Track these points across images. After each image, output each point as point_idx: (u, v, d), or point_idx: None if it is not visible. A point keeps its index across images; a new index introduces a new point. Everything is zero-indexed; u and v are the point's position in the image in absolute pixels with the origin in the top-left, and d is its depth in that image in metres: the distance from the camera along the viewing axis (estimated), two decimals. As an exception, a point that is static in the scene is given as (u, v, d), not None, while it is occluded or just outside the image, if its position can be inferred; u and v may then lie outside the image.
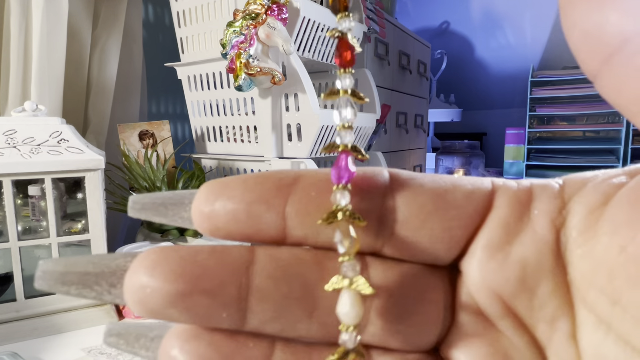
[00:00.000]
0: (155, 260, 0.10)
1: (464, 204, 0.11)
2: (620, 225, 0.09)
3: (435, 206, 0.10)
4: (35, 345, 0.42)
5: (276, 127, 0.67)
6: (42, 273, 0.10)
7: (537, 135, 1.94)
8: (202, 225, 0.11)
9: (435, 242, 0.10)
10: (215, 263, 0.10)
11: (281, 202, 0.10)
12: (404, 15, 2.49)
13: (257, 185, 0.11)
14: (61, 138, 0.46)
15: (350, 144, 0.10)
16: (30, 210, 0.51)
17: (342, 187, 0.10)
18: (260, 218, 0.10)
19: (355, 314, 0.10)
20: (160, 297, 0.10)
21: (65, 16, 0.67)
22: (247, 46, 0.58)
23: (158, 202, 0.11)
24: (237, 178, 0.11)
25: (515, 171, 1.92)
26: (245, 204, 0.10)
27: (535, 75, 1.85)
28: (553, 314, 0.10)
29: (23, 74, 0.64)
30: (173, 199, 0.11)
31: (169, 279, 0.10)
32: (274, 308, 0.10)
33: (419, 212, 0.10)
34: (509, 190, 0.11)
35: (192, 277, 0.10)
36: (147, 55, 0.93)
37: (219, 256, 0.10)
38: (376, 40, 1.05)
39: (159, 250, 0.10)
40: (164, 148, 0.68)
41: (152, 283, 0.10)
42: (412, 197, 0.11)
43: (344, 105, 0.10)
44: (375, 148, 1.05)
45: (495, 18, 2.32)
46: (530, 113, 1.84)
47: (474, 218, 0.11)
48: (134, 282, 0.10)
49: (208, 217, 0.10)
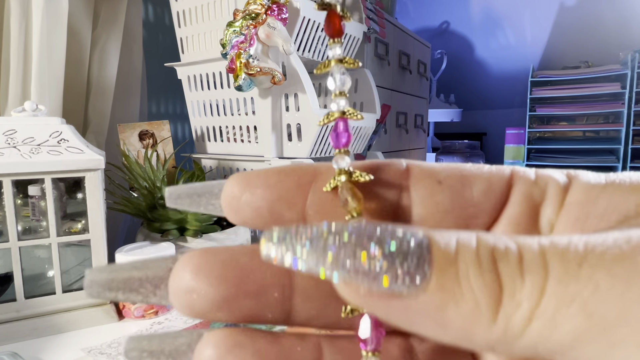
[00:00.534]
0: (198, 265, 0.10)
1: (481, 201, 0.11)
2: None
3: (452, 205, 0.11)
4: (35, 345, 0.42)
5: (276, 127, 0.67)
6: (89, 282, 0.11)
7: (537, 135, 1.94)
8: (230, 217, 0.11)
9: None
10: (257, 266, 0.10)
11: (300, 201, 0.11)
12: (404, 15, 2.49)
13: (278, 183, 0.11)
14: (61, 138, 0.46)
15: (345, 108, 0.11)
16: (30, 210, 0.51)
17: (343, 152, 0.11)
18: (282, 215, 0.11)
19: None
20: (207, 302, 0.10)
21: (65, 16, 0.67)
22: (247, 46, 0.58)
23: (191, 192, 0.12)
24: (260, 174, 0.11)
25: (515, 171, 1.92)
26: (267, 202, 0.11)
27: (535, 75, 1.85)
28: None
29: (23, 74, 0.64)
30: (204, 188, 0.12)
31: (214, 284, 0.10)
32: (318, 306, 0.11)
33: (435, 210, 0.11)
34: (525, 185, 0.11)
35: (236, 280, 0.10)
36: (147, 55, 0.93)
37: (259, 258, 0.10)
38: (376, 40, 1.05)
39: (200, 253, 0.10)
40: (164, 148, 0.68)
41: (198, 288, 0.10)
42: (429, 195, 0.11)
43: (337, 73, 0.11)
44: (375, 148, 1.05)
45: (495, 18, 2.32)
46: (530, 113, 1.84)
47: (491, 214, 0.11)
48: (180, 287, 0.10)
49: (235, 211, 0.11)
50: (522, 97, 2.01)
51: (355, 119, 0.11)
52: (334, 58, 0.11)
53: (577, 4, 2.11)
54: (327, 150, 0.71)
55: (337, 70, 0.11)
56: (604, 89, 1.72)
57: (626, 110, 1.69)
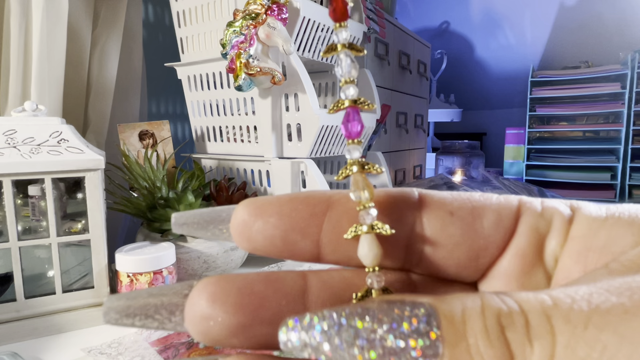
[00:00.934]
0: (214, 293, 0.10)
1: (491, 233, 0.11)
2: None
3: (463, 237, 0.11)
4: (35, 345, 0.42)
5: (276, 127, 0.67)
6: (107, 309, 0.11)
7: (537, 135, 1.94)
8: (241, 244, 0.11)
9: (462, 269, 0.11)
10: (272, 293, 0.11)
11: (315, 231, 0.11)
12: (404, 15, 2.49)
13: (292, 212, 0.11)
14: (61, 138, 0.46)
15: (354, 97, 0.11)
16: (30, 210, 0.51)
17: (356, 142, 0.11)
18: (296, 245, 0.11)
19: (373, 255, 0.10)
20: (222, 330, 0.10)
21: (65, 16, 0.67)
22: (247, 46, 0.58)
23: (198, 218, 0.12)
24: (273, 201, 0.11)
25: (515, 171, 1.92)
26: (280, 230, 0.11)
27: (535, 75, 1.85)
28: None
29: (23, 74, 0.64)
30: (211, 214, 0.12)
31: (229, 311, 0.10)
32: None
33: (447, 242, 0.11)
34: (531, 217, 0.11)
35: (252, 308, 0.10)
36: (147, 55, 0.93)
37: (274, 286, 0.11)
38: (376, 40, 1.05)
39: (215, 280, 0.10)
40: (164, 148, 0.68)
41: (214, 315, 0.10)
42: (442, 227, 0.11)
43: (345, 58, 0.10)
44: (375, 148, 1.05)
45: (495, 18, 2.32)
46: (530, 113, 1.84)
47: (500, 246, 0.11)
48: (196, 314, 0.10)
49: (247, 239, 0.11)
50: (522, 97, 2.01)
51: (367, 109, 0.11)
52: (341, 43, 0.10)
53: (577, 4, 2.11)
54: (327, 150, 0.71)
55: (345, 56, 0.10)
56: (604, 89, 1.72)
57: (626, 110, 1.69)
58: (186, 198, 0.56)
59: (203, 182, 0.64)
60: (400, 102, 1.27)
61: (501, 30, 2.32)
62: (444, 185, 1.07)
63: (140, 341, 0.42)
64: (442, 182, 1.31)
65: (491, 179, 1.42)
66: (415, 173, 1.45)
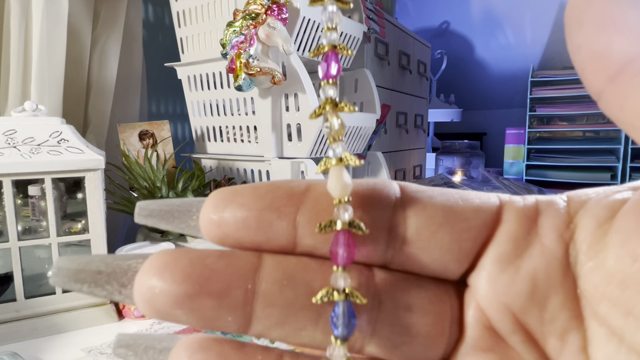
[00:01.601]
0: (165, 262, 0.10)
1: (472, 216, 0.11)
2: (630, 237, 0.09)
3: (445, 218, 0.11)
4: (35, 345, 0.42)
5: (276, 127, 0.67)
6: (57, 270, 0.10)
7: (537, 135, 1.94)
8: (210, 233, 0.11)
9: (445, 253, 0.11)
10: (223, 266, 0.10)
11: (292, 210, 0.11)
12: (404, 15, 2.49)
13: (268, 192, 0.11)
14: (61, 138, 0.46)
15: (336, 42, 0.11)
16: (30, 210, 0.51)
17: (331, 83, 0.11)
18: (271, 226, 0.10)
19: (342, 186, 0.10)
20: (168, 298, 0.10)
21: (65, 16, 0.67)
22: (247, 46, 0.58)
23: (165, 209, 0.11)
24: (248, 186, 0.11)
25: (515, 171, 1.92)
26: (256, 211, 0.10)
27: (535, 75, 1.85)
28: (563, 327, 0.10)
29: (23, 74, 0.64)
30: (181, 206, 0.11)
31: (177, 280, 0.10)
32: (279, 314, 0.10)
33: (429, 223, 0.11)
34: (516, 205, 0.11)
35: (200, 279, 0.10)
36: (147, 55, 0.93)
37: (227, 260, 0.10)
38: (376, 40, 1.05)
39: (170, 252, 0.10)
40: (164, 148, 0.68)
41: (161, 284, 0.10)
42: (422, 209, 0.11)
43: (329, 6, 0.10)
44: (375, 148, 1.05)
45: (495, 18, 2.32)
46: (530, 113, 1.84)
47: (483, 231, 0.11)
48: (144, 283, 0.10)
49: (217, 225, 0.11)
50: (522, 97, 2.01)
51: (346, 53, 0.11)
52: None
53: (577, 4, 2.10)
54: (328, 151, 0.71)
55: (330, 4, 0.10)
56: (604, 89, 1.72)
57: (626, 110, 1.69)
58: (186, 198, 0.56)
59: (203, 182, 0.64)
60: (400, 102, 1.27)
61: (501, 30, 2.32)
62: (444, 185, 1.07)
63: (140, 341, 0.42)
64: (442, 182, 1.31)
65: (491, 179, 1.42)
66: (415, 173, 1.45)
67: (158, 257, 0.10)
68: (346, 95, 0.85)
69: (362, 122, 0.76)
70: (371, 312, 0.11)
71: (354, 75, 0.84)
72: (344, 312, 0.10)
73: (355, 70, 0.84)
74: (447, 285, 0.11)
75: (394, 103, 1.21)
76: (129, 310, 0.47)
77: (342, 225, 0.10)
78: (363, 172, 0.93)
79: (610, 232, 0.09)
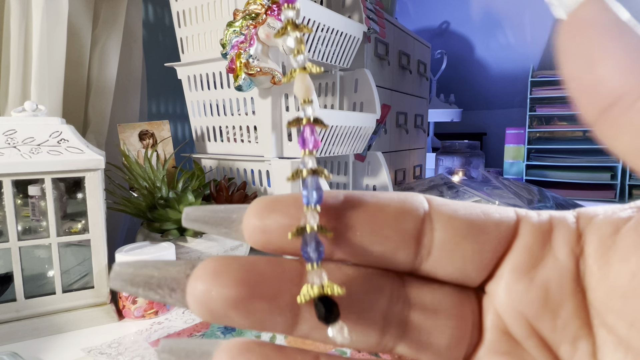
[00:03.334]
0: (218, 268, 0.11)
1: (493, 230, 0.12)
2: (629, 254, 0.10)
3: (468, 230, 0.11)
4: (35, 345, 0.42)
5: (276, 127, 0.67)
6: (115, 274, 0.11)
7: (537, 135, 1.94)
8: (254, 239, 0.11)
9: (468, 262, 0.11)
10: (271, 272, 0.11)
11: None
12: (404, 15, 2.49)
13: None
14: (61, 138, 0.46)
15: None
16: (30, 210, 0.51)
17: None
18: None
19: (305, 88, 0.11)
20: (223, 301, 0.10)
21: (65, 16, 0.67)
22: (247, 46, 0.58)
23: (209, 215, 0.12)
24: (289, 195, 0.12)
25: (515, 171, 1.92)
26: (298, 219, 0.11)
27: (535, 75, 1.85)
28: (575, 334, 0.11)
29: (23, 74, 0.64)
30: (223, 212, 0.12)
31: (232, 284, 0.11)
32: None
33: (454, 234, 0.11)
34: (531, 220, 0.12)
35: (252, 283, 0.11)
36: (147, 55, 0.93)
37: (274, 266, 0.11)
38: (376, 40, 1.05)
39: (220, 258, 0.11)
40: (164, 148, 0.68)
41: (216, 288, 0.11)
42: (448, 221, 0.12)
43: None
44: (375, 148, 1.05)
45: (495, 18, 2.32)
46: (530, 113, 1.84)
47: (502, 243, 0.11)
48: (198, 287, 0.11)
49: (262, 231, 0.11)
50: (522, 97, 2.01)
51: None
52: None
53: (577, 4, 2.10)
54: (328, 150, 0.71)
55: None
56: (604, 89, 1.72)
57: (626, 110, 1.69)
58: (186, 198, 0.56)
59: (203, 182, 0.64)
60: (400, 102, 1.27)
61: (501, 30, 2.32)
62: (444, 185, 1.07)
63: (140, 341, 0.42)
64: (442, 182, 1.31)
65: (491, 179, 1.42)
66: (415, 173, 1.45)
67: (210, 263, 0.11)
68: (346, 95, 0.85)
69: (362, 122, 0.76)
70: (401, 314, 0.12)
71: (354, 75, 0.84)
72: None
73: (355, 70, 0.84)
74: (467, 292, 0.12)
75: (394, 103, 1.21)
76: (129, 310, 0.47)
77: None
78: (363, 172, 0.93)
79: (613, 248, 0.10)
